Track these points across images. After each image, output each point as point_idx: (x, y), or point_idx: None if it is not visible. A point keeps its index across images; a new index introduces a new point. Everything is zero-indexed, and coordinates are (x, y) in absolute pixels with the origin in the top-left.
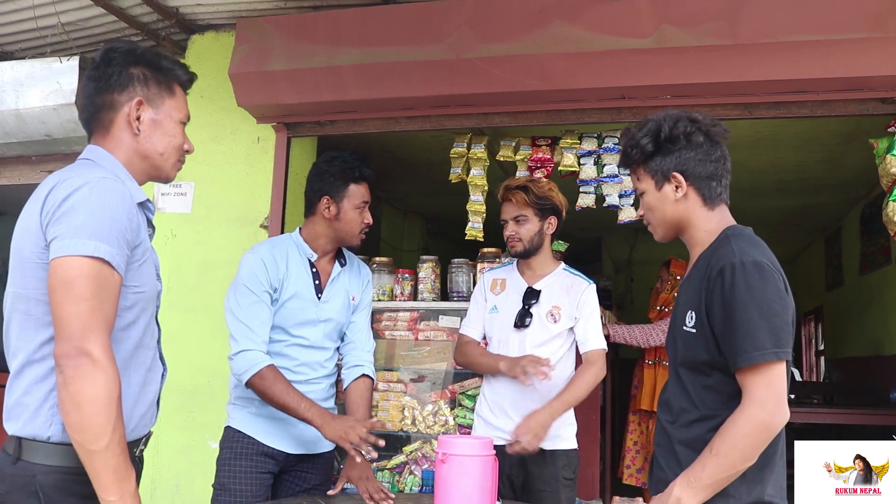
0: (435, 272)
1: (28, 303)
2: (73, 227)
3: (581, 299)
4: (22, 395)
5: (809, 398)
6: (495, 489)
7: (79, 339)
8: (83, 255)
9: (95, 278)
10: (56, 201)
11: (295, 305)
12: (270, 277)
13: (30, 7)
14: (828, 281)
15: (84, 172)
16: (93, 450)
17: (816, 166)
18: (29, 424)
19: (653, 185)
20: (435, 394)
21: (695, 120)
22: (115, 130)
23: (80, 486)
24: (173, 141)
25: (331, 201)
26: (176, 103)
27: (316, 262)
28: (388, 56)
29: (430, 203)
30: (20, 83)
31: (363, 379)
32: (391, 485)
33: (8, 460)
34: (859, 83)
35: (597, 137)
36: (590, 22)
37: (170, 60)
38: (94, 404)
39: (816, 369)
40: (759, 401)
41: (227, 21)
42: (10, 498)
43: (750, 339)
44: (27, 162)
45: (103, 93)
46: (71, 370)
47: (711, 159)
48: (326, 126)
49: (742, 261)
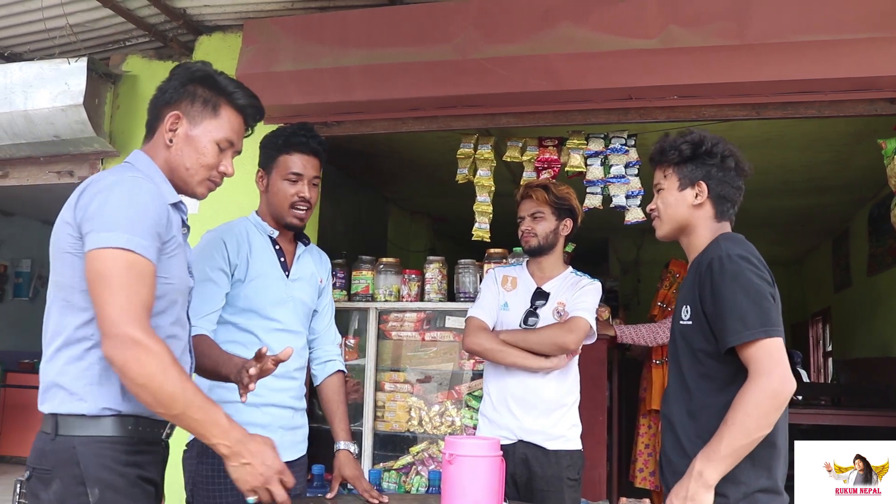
0: (442, 273)
1: (65, 290)
2: (106, 221)
3: (581, 288)
4: (57, 376)
5: (817, 399)
6: (502, 490)
7: (119, 327)
8: (115, 247)
9: (128, 268)
10: (90, 197)
11: (262, 284)
12: (230, 256)
13: (38, 9)
14: (835, 282)
15: (119, 172)
16: (175, 414)
17: (824, 167)
18: (66, 403)
19: (676, 185)
20: (441, 394)
21: (732, 149)
22: (156, 138)
23: (116, 454)
24: (202, 159)
25: (263, 173)
26: (217, 123)
27: (278, 239)
28: (394, 57)
29: (437, 204)
30: (29, 84)
31: (338, 375)
32: (398, 485)
33: (47, 438)
34: (867, 83)
35: (603, 138)
36: (596, 22)
37: (233, 84)
38: (153, 381)
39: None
40: (765, 371)
41: (235, 22)
42: (55, 473)
43: (741, 320)
44: (35, 163)
45: (158, 105)
46: (120, 359)
47: (733, 185)
48: (333, 127)
49: (728, 254)
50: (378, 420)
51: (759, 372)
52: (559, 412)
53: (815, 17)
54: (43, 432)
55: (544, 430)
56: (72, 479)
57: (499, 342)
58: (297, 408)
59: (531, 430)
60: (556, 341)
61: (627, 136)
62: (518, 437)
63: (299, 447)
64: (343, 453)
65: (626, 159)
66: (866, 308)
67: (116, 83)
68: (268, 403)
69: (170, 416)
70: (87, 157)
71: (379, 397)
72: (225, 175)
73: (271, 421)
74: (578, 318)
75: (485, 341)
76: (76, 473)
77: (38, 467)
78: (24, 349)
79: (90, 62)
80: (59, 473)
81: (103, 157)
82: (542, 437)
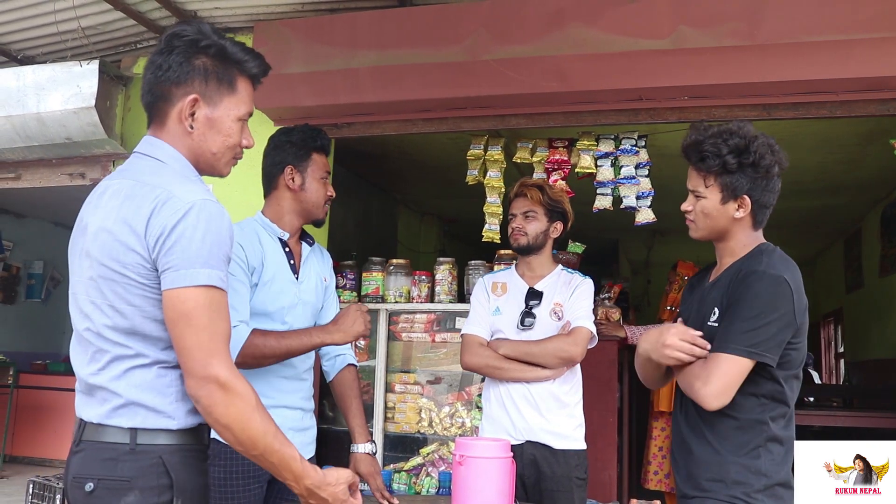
0: (452, 274)
1: (135, 319)
2: (186, 258)
3: (575, 290)
4: (135, 394)
5: (829, 401)
6: (513, 492)
7: (204, 367)
8: (198, 286)
9: (209, 305)
10: (165, 228)
11: (276, 287)
12: (249, 258)
13: (51, 12)
14: (847, 283)
15: (178, 189)
16: (253, 455)
17: (836, 167)
18: (149, 419)
19: (718, 197)
20: (452, 396)
21: (776, 152)
22: (170, 123)
23: (198, 462)
24: (228, 140)
25: (294, 171)
26: (237, 99)
27: (288, 241)
28: (404, 58)
29: (447, 205)
30: (41, 87)
31: (349, 368)
32: (408, 487)
33: (122, 449)
34: (879, 83)
35: (614, 139)
36: (607, 23)
37: (240, 49)
38: (238, 423)
39: (836, 372)
40: (708, 379)
41: (245, 24)
42: (135, 483)
43: (734, 332)
44: (48, 165)
45: (161, 83)
46: (206, 400)
47: (774, 191)
48: (343, 128)
49: (766, 271)
50: (388, 421)
51: (707, 375)
52: (565, 411)
53: (827, 17)
54: (108, 442)
55: (551, 430)
56: (156, 489)
57: (497, 358)
58: (307, 409)
59: (538, 429)
60: (562, 355)
61: (638, 136)
62: (525, 438)
63: (308, 448)
64: (361, 455)
65: (637, 160)
66: (879, 309)
67: (128, 85)
68: (279, 405)
69: (248, 455)
70: (98, 160)
71: (389, 399)
72: (247, 147)
73: (281, 422)
74: (581, 329)
75: (482, 358)
76: (163, 483)
77: (107, 477)
78: (37, 350)
79: (102, 65)
80: (139, 484)
81: (115, 160)
82: (549, 436)
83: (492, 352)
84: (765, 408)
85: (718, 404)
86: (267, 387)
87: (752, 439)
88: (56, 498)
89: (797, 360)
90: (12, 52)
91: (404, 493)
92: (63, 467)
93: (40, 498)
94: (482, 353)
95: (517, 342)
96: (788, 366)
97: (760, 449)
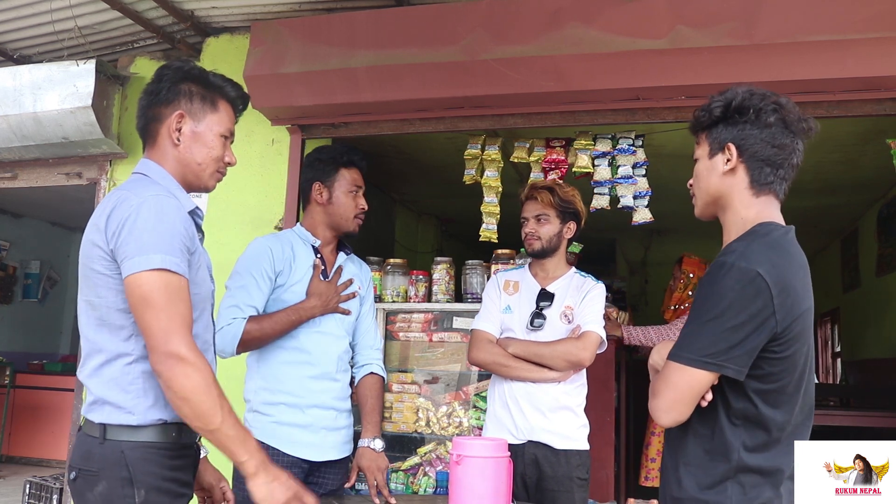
0: (449, 274)
1: (101, 310)
2: (139, 245)
3: (586, 294)
4: (104, 392)
5: (826, 401)
6: (510, 491)
7: (164, 344)
8: (152, 269)
9: (166, 287)
10: (119, 221)
11: (302, 289)
12: (275, 261)
13: (47, 11)
14: (844, 282)
15: (140, 190)
16: (211, 429)
17: (833, 167)
18: (113, 415)
19: (707, 153)
20: (449, 395)
21: (776, 101)
22: (160, 140)
23: (161, 458)
24: (212, 153)
25: (322, 186)
26: (218, 118)
27: (320, 248)
28: (402, 58)
29: (445, 205)
30: (38, 86)
31: (372, 376)
32: (405, 486)
33: (94, 442)
34: (876, 83)
35: (611, 138)
36: (605, 23)
37: (220, 78)
38: (195, 395)
39: (833, 371)
40: (657, 391)
41: (242, 24)
42: (103, 474)
43: (688, 337)
44: (44, 164)
45: (153, 106)
46: (166, 373)
47: (774, 144)
48: (341, 128)
49: (735, 263)
50: (386, 421)
51: (657, 386)
52: (567, 412)
53: (823, 17)
54: (88, 435)
55: (554, 430)
56: (119, 481)
57: (505, 356)
58: (340, 409)
59: (540, 429)
60: (570, 358)
61: (635, 136)
62: (527, 438)
63: (343, 448)
64: (362, 448)
65: (634, 160)
66: (875, 309)
67: (125, 85)
68: (310, 405)
69: (205, 430)
70: (95, 159)
71: (387, 398)
72: (229, 165)
73: (312, 421)
74: (591, 334)
75: (490, 355)
76: (124, 476)
77: (83, 468)
78: (33, 351)
79: (99, 64)
80: (106, 475)
81: (112, 159)
82: (551, 436)
83: (500, 349)
84: (736, 431)
85: (669, 420)
86: (298, 387)
87: (717, 467)
88: (53, 498)
89: (782, 374)
90: (9, 52)
91: (402, 493)
92: (59, 468)
93: (37, 498)
94: (491, 349)
95: (527, 342)
96: (768, 379)
97: (728, 483)
